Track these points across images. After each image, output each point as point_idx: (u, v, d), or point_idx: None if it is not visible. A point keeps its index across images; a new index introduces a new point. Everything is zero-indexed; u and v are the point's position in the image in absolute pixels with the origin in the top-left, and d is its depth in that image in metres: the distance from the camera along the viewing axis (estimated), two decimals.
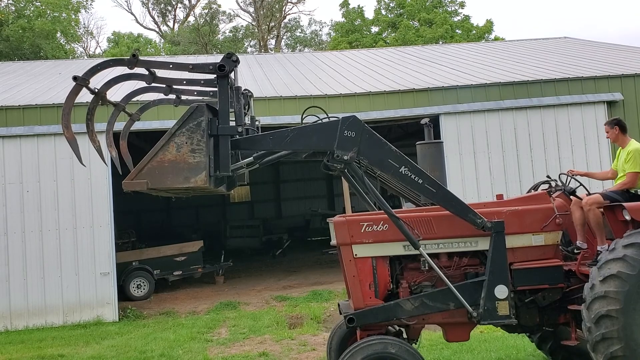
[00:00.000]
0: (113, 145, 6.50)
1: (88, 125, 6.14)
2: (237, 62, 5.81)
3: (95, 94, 6.05)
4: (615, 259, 5.80)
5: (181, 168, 5.56)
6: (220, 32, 52.49)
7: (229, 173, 5.83)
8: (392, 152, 6.15)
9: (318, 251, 22.73)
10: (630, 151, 6.75)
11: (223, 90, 5.78)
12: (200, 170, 5.55)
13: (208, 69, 5.84)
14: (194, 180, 5.56)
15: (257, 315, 12.99)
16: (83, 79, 5.73)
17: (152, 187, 5.58)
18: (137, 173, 5.57)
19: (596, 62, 18.32)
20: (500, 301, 6.24)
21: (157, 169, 5.56)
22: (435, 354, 8.68)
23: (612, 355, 5.65)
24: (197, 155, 5.57)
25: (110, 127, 6.56)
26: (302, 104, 15.09)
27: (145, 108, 6.86)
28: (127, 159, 6.75)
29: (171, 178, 5.57)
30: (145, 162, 5.57)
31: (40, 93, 16.33)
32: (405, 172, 6.12)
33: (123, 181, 5.61)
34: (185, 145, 5.58)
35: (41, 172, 13.81)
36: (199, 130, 5.60)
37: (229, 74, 5.77)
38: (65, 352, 10.67)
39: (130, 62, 5.84)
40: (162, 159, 5.58)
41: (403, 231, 6.17)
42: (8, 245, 13.56)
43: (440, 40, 41.40)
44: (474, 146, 14.86)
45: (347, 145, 6.01)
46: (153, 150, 5.59)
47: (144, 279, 16.20)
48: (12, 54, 37.42)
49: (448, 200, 6.28)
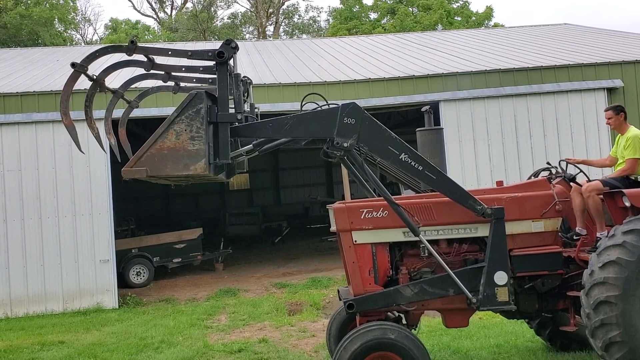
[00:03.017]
0: (112, 133, 6.47)
1: (87, 112, 6.11)
2: (236, 48, 5.77)
3: (94, 80, 6.02)
4: (615, 245, 5.81)
5: (180, 155, 5.53)
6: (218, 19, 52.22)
7: (229, 160, 5.81)
8: (392, 139, 6.13)
9: (317, 238, 22.76)
10: (630, 137, 6.74)
11: (222, 77, 5.75)
12: (199, 157, 5.53)
13: (207, 56, 5.81)
14: (193, 167, 5.54)
15: (256, 302, 13.03)
16: (81, 66, 5.70)
17: (152, 174, 5.55)
18: (136, 160, 5.54)
19: (596, 49, 18.24)
20: (500, 287, 6.26)
21: (157, 157, 5.53)
22: (435, 340, 8.71)
23: (611, 341, 5.67)
24: (197, 143, 5.54)
25: (109, 114, 6.53)
26: (301, 91, 15.03)
27: (144, 95, 6.84)
28: (125, 147, 6.72)
29: (170, 165, 5.55)
30: (145, 150, 5.54)
31: (38, 80, 16.27)
32: (405, 159, 6.10)
33: (122, 169, 5.59)
34: (184, 133, 5.55)
35: (40, 160, 13.78)
36: (198, 118, 5.57)
37: (228, 61, 5.73)
38: (66, 339, 10.71)
39: (128, 49, 5.81)
40: (161, 146, 5.55)
41: (403, 218, 6.17)
42: (7, 233, 13.57)
43: (438, 25, 41.22)
44: (474, 133, 14.83)
45: (347, 132, 5.98)
46: (152, 137, 5.56)
47: (144, 266, 16.20)
48: (9, 41, 37.24)
49: (448, 187, 6.28)
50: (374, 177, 6.23)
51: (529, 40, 21.55)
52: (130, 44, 5.80)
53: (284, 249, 22.35)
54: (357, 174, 6.38)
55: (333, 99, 14.90)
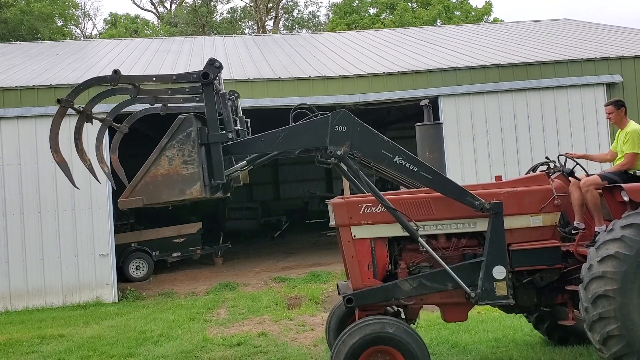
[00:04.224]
0: (104, 162, 6.55)
1: (77, 145, 6.19)
2: (220, 68, 5.78)
3: (81, 113, 6.05)
4: (614, 240, 5.82)
5: (175, 181, 5.55)
6: (217, 13, 52.11)
7: (224, 180, 5.83)
8: (385, 143, 6.17)
9: (316, 233, 22.80)
10: (629, 132, 6.75)
11: (209, 97, 5.76)
12: (194, 181, 5.54)
13: (192, 79, 5.84)
14: (189, 191, 5.55)
15: (255, 296, 13.06)
16: (67, 101, 5.78)
17: (148, 202, 5.58)
18: (131, 190, 5.56)
19: (596, 44, 18.23)
20: (498, 282, 6.28)
21: (151, 184, 5.56)
22: (433, 334, 8.74)
23: (609, 335, 5.69)
24: (190, 167, 5.55)
25: (99, 143, 6.54)
26: (300, 85, 15.04)
27: (133, 119, 6.79)
28: (119, 172, 6.74)
29: (166, 192, 5.57)
30: (139, 179, 5.56)
31: (37, 74, 16.25)
32: (399, 162, 6.15)
33: (118, 200, 5.63)
34: (177, 158, 5.56)
35: (39, 154, 13.78)
36: (189, 141, 5.58)
37: (213, 81, 5.74)
38: (65, 332, 10.73)
39: (112, 79, 5.88)
40: (155, 173, 5.56)
41: (401, 222, 6.22)
42: (7, 227, 13.59)
43: (437, 20, 41.16)
44: (473, 128, 14.84)
45: (340, 140, 6.02)
46: (145, 165, 5.58)
47: (143, 260, 16.24)
48: (8, 35, 37.14)
49: (445, 185, 6.31)
50: (369, 184, 6.24)
51: (528, 36, 21.53)
52: (114, 74, 5.86)
53: (283, 243, 22.37)
54: (352, 180, 6.39)
55: (332, 94, 15.03)
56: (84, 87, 5.89)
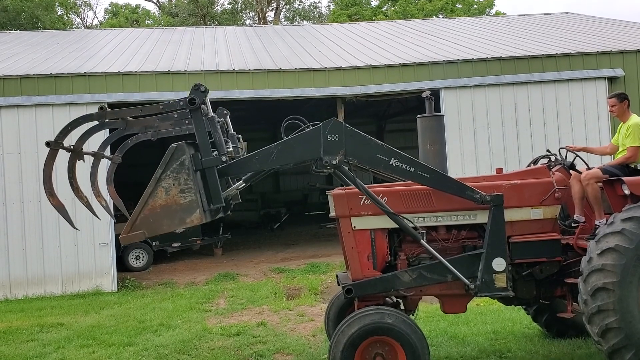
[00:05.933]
0: (101, 196, 6.57)
1: (72, 184, 6.27)
2: (206, 92, 5.76)
3: (71, 151, 6.08)
4: (614, 233, 5.82)
5: (174, 210, 5.55)
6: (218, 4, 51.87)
7: (223, 203, 5.84)
8: (379, 147, 6.18)
9: (316, 225, 22.83)
10: (631, 125, 6.73)
11: (198, 123, 5.76)
12: (193, 209, 5.55)
13: (179, 106, 5.85)
14: (189, 219, 5.57)
15: (255, 286, 13.08)
16: (56, 143, 5.86)
17: (150, 235, 5.61)
18: (131, 225, 5.57)
19: (598, 38, 18.18)
20: (498, 274, 6.30)
21: (151, 217, 5.56)
22: (432, 325, 8.76)
23: (607, 327, 5.70)
24: (188, 195, 5.55)
25: (94, 178, 6.59)
26: (301, 77, 15.00)
27: (124, 148, 6.79)
28: (118, 204, 6.78)
29: (167, 223, 5.57)
30: (138, 213, 5.56)
31: (37, 63, 16.20)
32: (396, 164, 6.16)
33: (120, 236, 5.65)
34: (173, 188, 5.56)
35: (39, 143, 13.72)
36: (184, 169, 5.58)
37: (200, 106, 5.73)
38: (65, 321, 10.76)
39: (99, 116, 5.93)
40: (153, 206, 5.56)
41: (403, 226, 6.24)
42: (7, 215, 13.59)
43: (440, 13, 41.04)
44: (474, 121, 14.83)
45: (333, 149, 6.02)
46: (142, 198, 5.58)
47: (143, 250, 16.24)
48: (9, 24, 37.01)
49: (443, 182, 6.32)
50: (367, 191, 6.24)
51: (530, 29, 21.47)
52: (100, 110, 5.91)
53: (282, 235, 22.40)
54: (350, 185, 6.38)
55: (334, 86, 15.00)
56: (72, 127, 5.94)
